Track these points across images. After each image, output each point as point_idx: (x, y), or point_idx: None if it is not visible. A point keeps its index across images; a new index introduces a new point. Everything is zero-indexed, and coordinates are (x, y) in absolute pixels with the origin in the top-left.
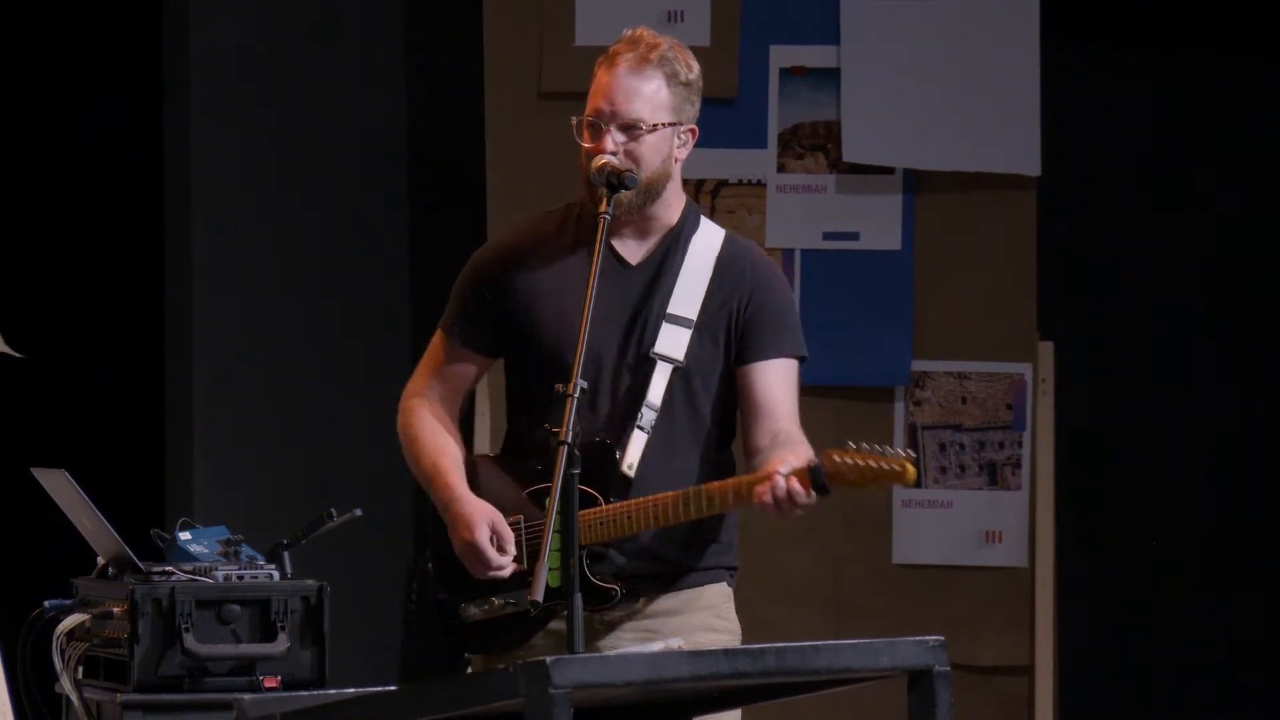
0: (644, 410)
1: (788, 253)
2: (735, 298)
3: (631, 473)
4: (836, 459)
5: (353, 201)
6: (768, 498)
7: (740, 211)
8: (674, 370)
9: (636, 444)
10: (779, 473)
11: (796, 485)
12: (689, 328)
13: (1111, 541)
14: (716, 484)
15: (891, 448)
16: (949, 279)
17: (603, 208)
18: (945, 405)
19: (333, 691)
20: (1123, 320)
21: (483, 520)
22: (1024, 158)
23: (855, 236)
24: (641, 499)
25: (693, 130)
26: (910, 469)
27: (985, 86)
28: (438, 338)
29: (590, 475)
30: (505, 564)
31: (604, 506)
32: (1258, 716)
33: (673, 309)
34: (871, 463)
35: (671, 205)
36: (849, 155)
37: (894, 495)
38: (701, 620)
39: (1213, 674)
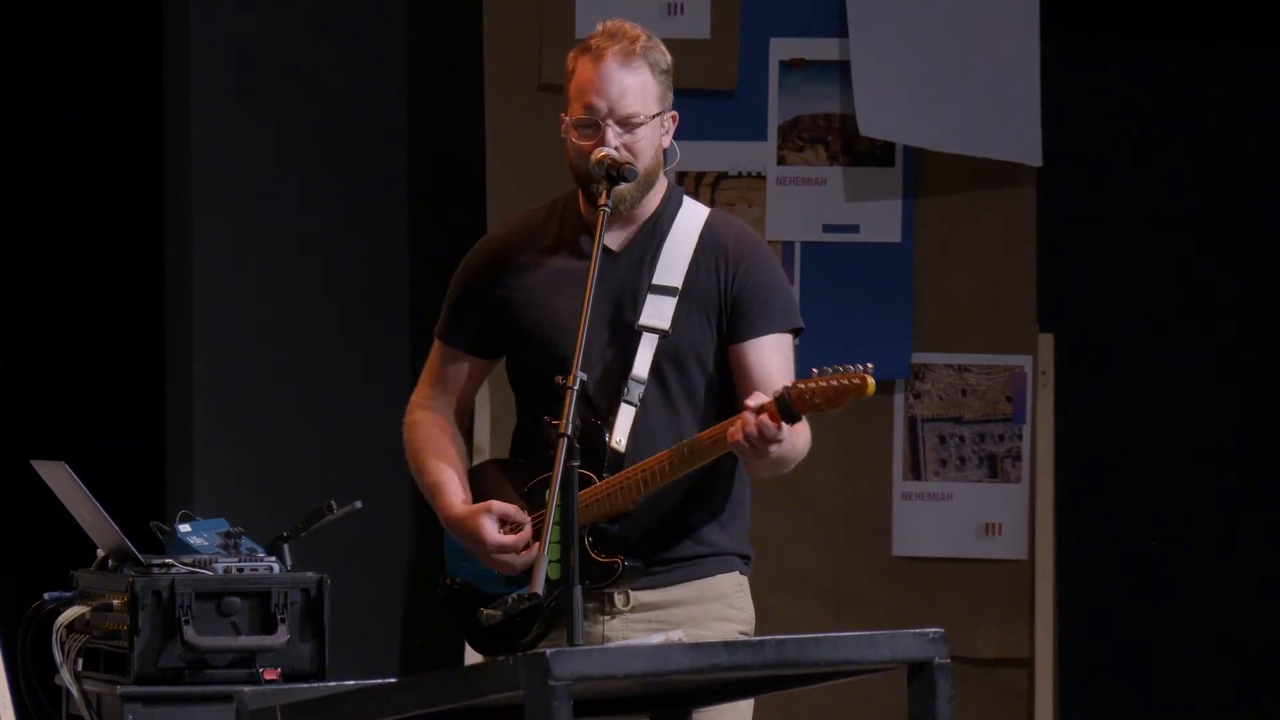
0: (630, 384)
1: (788, 245)
2: (722, 273)
3: (621, 447)
4: (801, 386)
5: (353, 194)
6: (739, 436)
7: (740, 204)
8: (661, 340)
9: (625, 418)
10: (748, 406)
11: (765, 419)
12: (673, 296)
13: (1111, 534)
14: (700, 434)
15: (854, 366)
16: (949, 271)
17: (603, 200)
18: (945, 398)
19: (333, 684)
20: (1123, 313)
21: (484, 520)
22: (1025, 149)
23: (855, 229)
24: (629, 468)
25: (674, 116)
26: (869, 381)
27: (986, 78)
28: (435, 345)
29: (583, 457)
30: (525, 537)
31: (597, 485)
32: (1257, 709)
33: (656, 280)
34: (834, 382)
35: (655, 191)
36: (865, 130)
37: (894, 488)
38: (713, 610)
39: (1212, 667)
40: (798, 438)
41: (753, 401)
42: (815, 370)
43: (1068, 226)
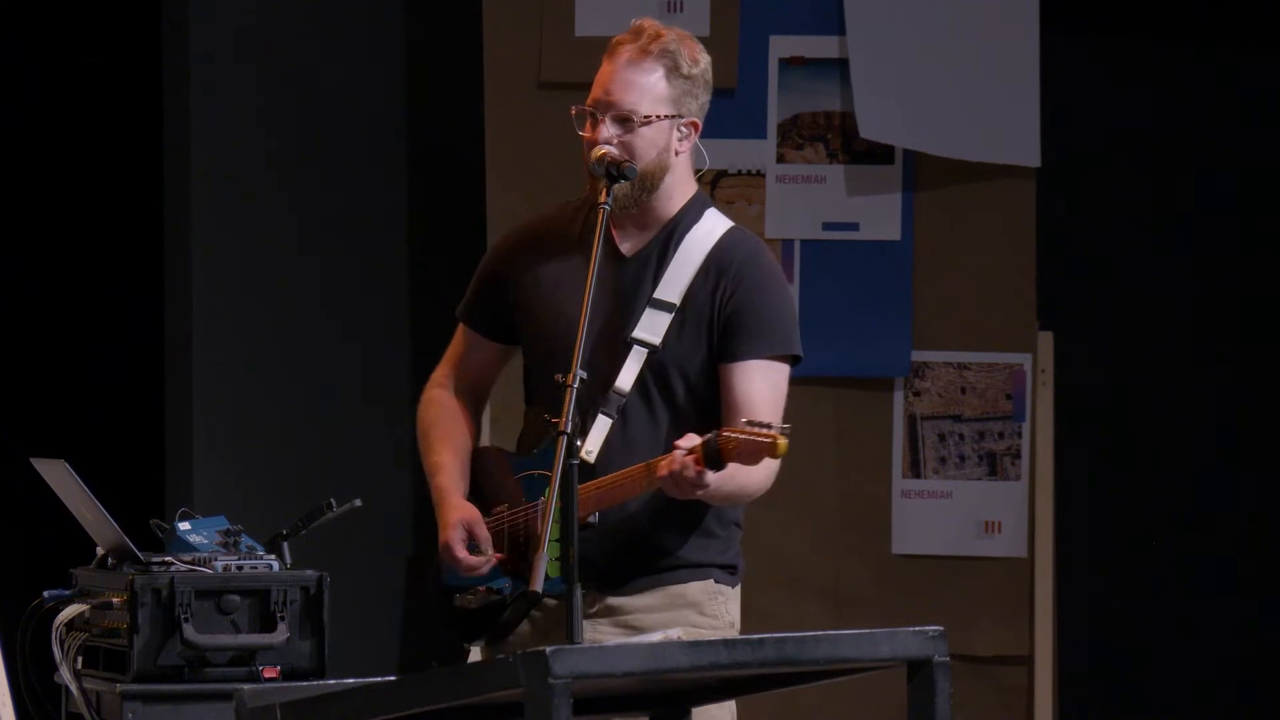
0: (611, 395)
1: (787, 243)
2: (718, 291)
3: (591, 459)
4: (727, 434)
5: (352, 192)
6: (665, 473)
7: (740, 202)
8: (649, 355)
9: (599, 430)
10: (678, 447)
11: (689, 460)
12: (670, 312)
13: (1111, 532)
14: (637, 465)
15: (779, 424)
16: (949, 269)
17: (602, 198)
18: (945, 396)
19: (332, 681)
20: (1122, 311)
21: (457, 523)
22: (1023, 149)
23: (855, 227)
24: (584, 484)
25: (694, 124)
26: (781, 441)
27: (985, 78)
28: (459, 326)
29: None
30: (477, 564)
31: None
32: (1256, 707)
33: (657, 294)
34: (753, 437)
35: (672, 198)
36: (865, 133)
37: (893, 486)
38: (683, 617)
39: (1212, 664)
40: (748, 478)
41: (684, 443)
42: (744, 420)
43: (1068, 224)
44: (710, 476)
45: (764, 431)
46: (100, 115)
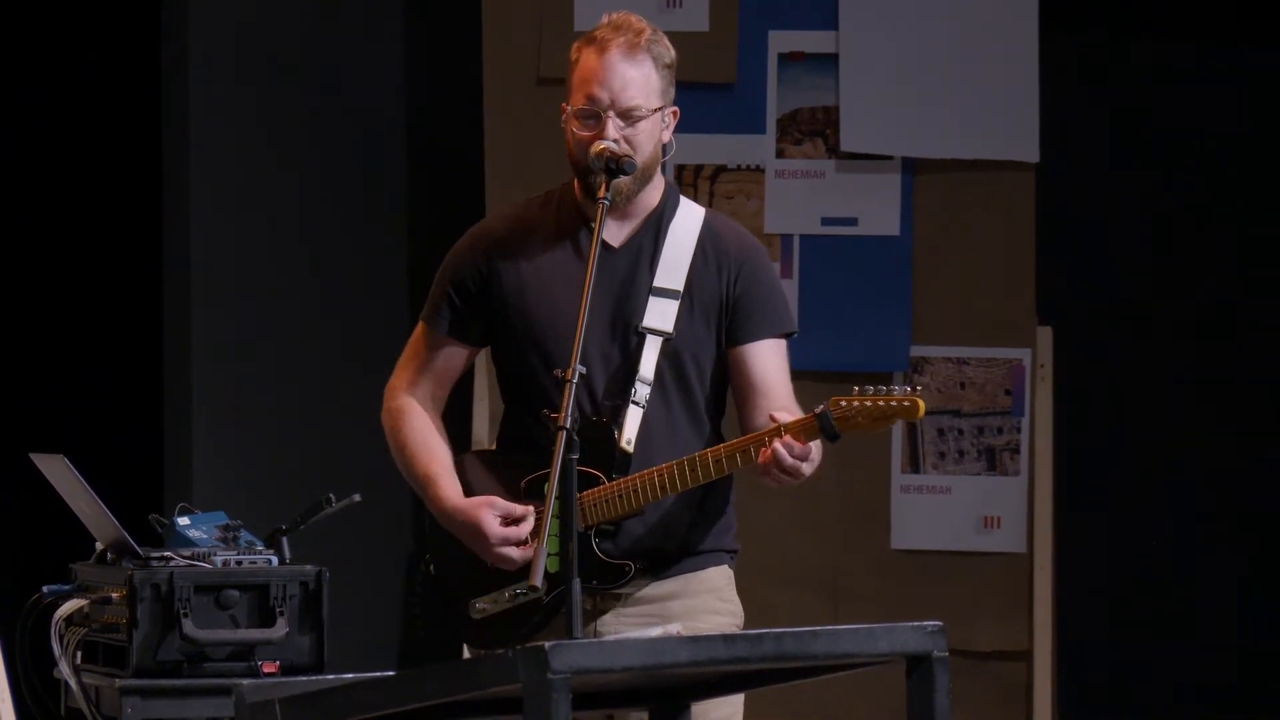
0: (637, 385)
1: (786, 238)
2: (723, 276)
3: (630, 448)
4: (844, 404)
5: (351, 187)
6: (771, 462)
7: (739, 197)
8: (664, 343)
9: (633, 419)
10: (775, 419)
11: (791, 440)
12: (676, 299)
13: (1110, 527)
14: (721, 446)
15: (898, 386)
16: (948, 264)
17: (601, 193)
18: (944, 390)
19: (331, 676)
20: (1121, 306)
21: (486, 514)
22: (1022, 145)
23: (854, 222)
24: (644, 472)
25: (675, 112)
26: (920, 403)
27: (984, 73)
28: (420, 330)
29: (590, 455)
30: (526, 532)
31: (606, 485)
32: (1256, 702)
33: (658, 282)
34: (880, 402)
35: (654, 187)
36: (847, 144)
37: (892, 481)
38: (704, 603)
39: (1210, 659)
40: (819, 452)
41: (781, 417)
42: (856, 388)
43: (1067, 219)
44: (814, 450)
45: (896, 394)
46: (100, 116)
